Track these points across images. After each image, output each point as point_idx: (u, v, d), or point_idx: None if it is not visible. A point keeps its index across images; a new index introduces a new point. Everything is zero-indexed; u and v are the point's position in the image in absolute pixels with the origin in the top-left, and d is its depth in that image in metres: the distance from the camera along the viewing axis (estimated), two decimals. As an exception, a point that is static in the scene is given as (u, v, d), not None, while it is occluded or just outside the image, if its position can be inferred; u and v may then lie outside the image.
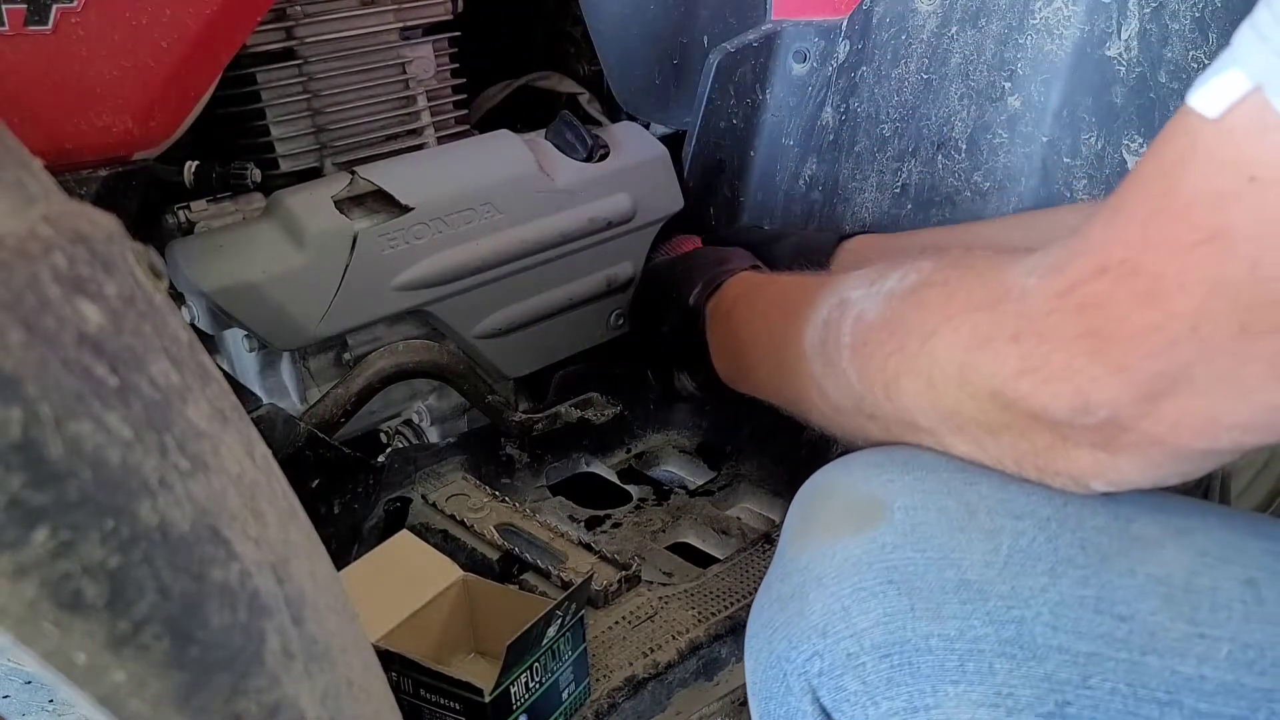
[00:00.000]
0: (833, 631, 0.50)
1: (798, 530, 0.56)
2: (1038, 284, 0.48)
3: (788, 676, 0.52)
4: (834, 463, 0.59)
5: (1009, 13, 0.88)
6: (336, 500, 0.86)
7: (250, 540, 0.33)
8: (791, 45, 1.07)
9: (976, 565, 0.49)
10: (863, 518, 0.52)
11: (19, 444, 0.26)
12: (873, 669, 0.49)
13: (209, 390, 0.34)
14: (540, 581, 0.80)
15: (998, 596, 0.48)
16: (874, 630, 0.49)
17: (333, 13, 0.91)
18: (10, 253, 0.27)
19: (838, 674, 0.50)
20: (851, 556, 0.51)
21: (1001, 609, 0.48)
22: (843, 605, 0.50)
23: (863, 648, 0.50)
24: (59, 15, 0.61)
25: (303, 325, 0.85)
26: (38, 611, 0.27)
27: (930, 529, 0.50)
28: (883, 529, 0.51)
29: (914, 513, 0.51)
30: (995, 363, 0.50)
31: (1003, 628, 0.47)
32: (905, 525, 0.51)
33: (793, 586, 0.53)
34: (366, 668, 0.42)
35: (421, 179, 0.91)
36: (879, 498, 0.53)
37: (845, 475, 0.57)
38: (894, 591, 0.49)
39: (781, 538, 0.58)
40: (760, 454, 1.05)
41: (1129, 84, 0.82)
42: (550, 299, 1.01)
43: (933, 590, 0.49)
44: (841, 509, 0.54)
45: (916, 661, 0.48)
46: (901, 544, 0.50)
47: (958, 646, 0.48)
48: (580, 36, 1.21)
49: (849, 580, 0.51)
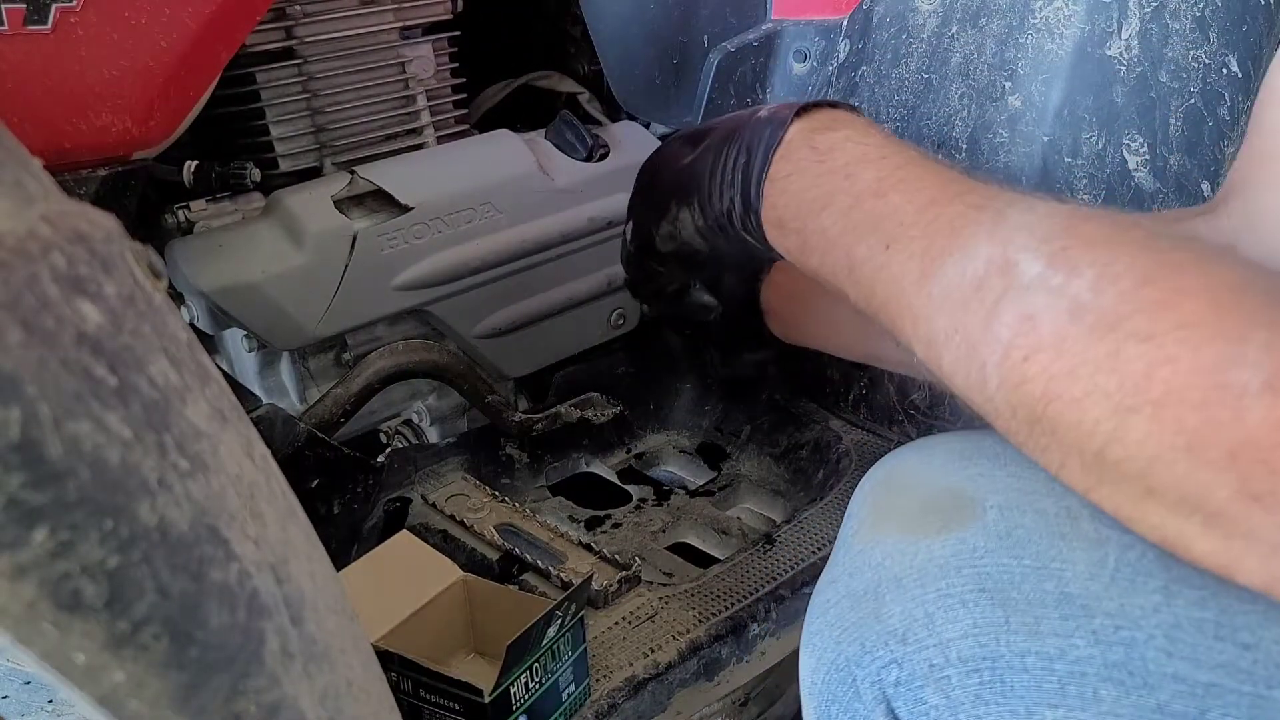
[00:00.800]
0: (914, 639, 0.46)
1: (869, 521, 0.51)
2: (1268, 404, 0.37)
3: (858, 682, 0.48)
4: (909, 448, 0.54)
5: (1009, 12, 0.88)
6: (336, 500, 0.86)
7: (249, 540, 0.33)
8: (791, 45, 1.07)
9: (1080, 578, 0.44)
10: (949, 515, 0.48)
11: (18, 444, 0.26)
12: (958, 684, 0.45)
13: (208, 390, 0.34)
14: (540, 581, 0.80)
15: (1104, 614, 0.43)
16: (962, 642, 0.45)
17: (332, 12, 0.91)
18: (9, 252, 0.27)
19: (918, 686, 0.46)
20: (936, 558, 0.47)
21: (1109, 628, 0.43)
22: (926, 612, 0.46)
23: (948, 660, 0.45)
24: (58, 15, 0.61)
25: (302, 325, 0.85)
26: (37, 611, 0.27)
27: (1027, 534, 0.45)
28: (973, 530, 0.46)
29: (1009, 514, 0.46)
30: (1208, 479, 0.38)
31: (1110, 649, 0.42)
32: (999, 527, 0.46)
33: (865, 584, 0.49)
34: (366, 668, 0.42)
35: (421, 179, 0.91)
36: (968, 494, 0.48)
37: (925, 464, 0.51)
38: (986, 601, 0.45)
39: (847, 525, 0.54)
40: (760, 454, 1.05)
41: (1129, 84, 0.82)
42: (550, 299, 1.01)
43: (1030, 603, 0.44)
44: (922, 503, 0.49)
45: (1010, 680, 0.44)
46: (995, 548, 0.46)
47: (1057, 667, 0.43)
48: (580, 36, 1.21)
49: (934, 584, 0.46)
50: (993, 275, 0.46)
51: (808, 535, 0.86)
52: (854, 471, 0.94)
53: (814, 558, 0.83)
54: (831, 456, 0.98)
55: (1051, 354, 0.43)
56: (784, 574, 0.82)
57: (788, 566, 0.82)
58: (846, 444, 0.98)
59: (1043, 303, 0.44)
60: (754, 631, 0.78)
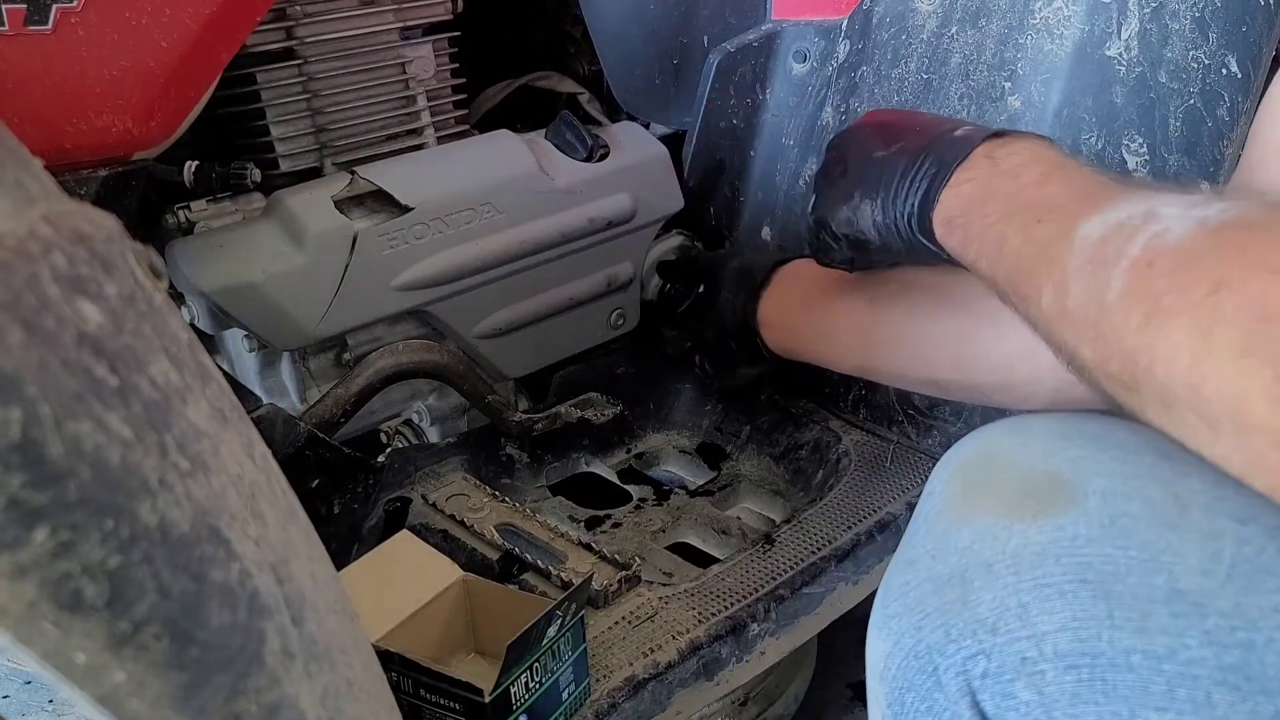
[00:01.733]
0: (1005, 630, 0.44)
1: (957, 501, 0.49)
2: None
3: (940, 671, 0.46)
4: (1001, 425, 0.51)
5: (1009, 13, 0.88)
6: (336, 500, 0.86)
7: (250, 540, 0.33)
8: (791, 45, 1.07)
9: (1192, 573, 0.41)
10: (1046, 499, 0.45)
11: (19, 444, 0.26)
12: (1054, 680, 0.42)
13: (209, 390, 0.34)
14: (540, 581, 0.80)
15: (1219, 614, 0.40)
16: (1059, 635, 0.42)
17: (333, 13, 0.91)
18: (10, 252, 0.27)
19: (1007, 679, 0.43)
20: (1033, 544, 0.44)
21: (1224, 629, 0.40)
22: (1020, 601, 0.44)
23: (1043, 654, 0.43)
24: (59, 15, 0.61)
25: (303, 325, 0.85)
26: (37, 611, 0.27)
27: (1133, 522, 0.43)
28: (1073, 515, 0.44)
29: (1112, 500, 0.44)
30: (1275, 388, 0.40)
31: (1225, 652, 0.40)
32: (1102, 514, 0.43)
33: (949, 568, 0.46)
34: (366, 668, 0.42)
35: (421, 179, 0.91)
36: (1067, 477, 0.45)
37: (1020, 443, 0.49)
38: (1087, 593, 0.42)
39: (928, 503, 0.51)
40: (760, 454, 1.05)
41: (1129, 84, 0.82)
42: (550, 299, 1.01)
43: (1136, 597, 0.42)
44: (1017, 484, 0.47)
45: (1112, 679, 0.41)
46: (1097, 537, 0.43)
47: (1166, 668, 0.40)
48: (580, 36, 1.21)
49: (1029, 573, 0.44)
50: (1135, 218, 0.49)
51: (807, 535, 0.86)
52: (853, 471, 0.94)
53: (814, 558, 0.83)
54: (831, 456, 0.98)
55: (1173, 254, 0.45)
56: (784, 574, 0.82)
57: (787, 566, 0.82)
58: (846, 444, 0.98)
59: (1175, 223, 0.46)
60: (754, 631, 0.78)
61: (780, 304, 0.92)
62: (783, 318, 0.91)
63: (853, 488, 0.92)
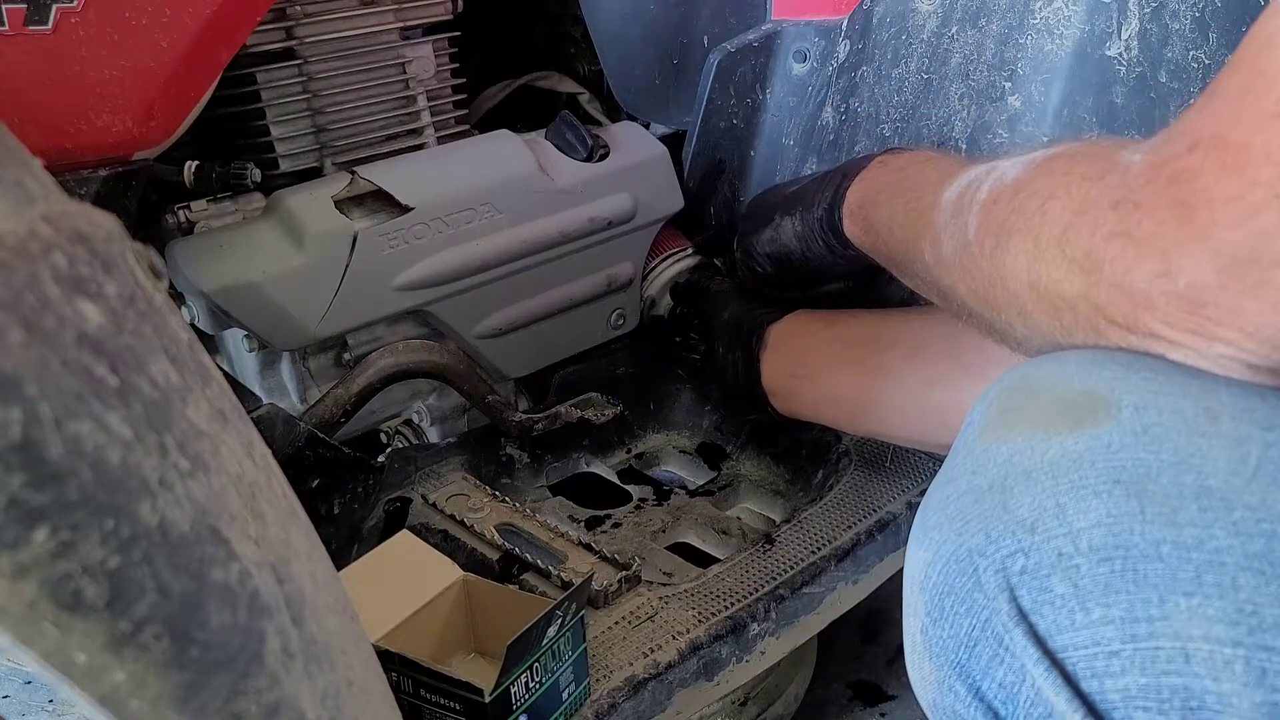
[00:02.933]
0: (1043, 529, 0.46)
1: (994, 422, 0.51)
2: (1140, 159, 0.50)
3: (979, 572, 0.47)
4: (1037, 359, 0.54)
5: (1009, 13, 0.88)
6: (336, 500, 0.86)
7: (250, 540, 0.33)
8: (791, 45, 1.07)
9: (1220, 473, 0.44)
10: (1082, 413, 0.48)
11: (19, 444, 0.26)
12: (1088, 572, 0.44)
13: (209, 390, 0.34)
14: (540, 581, 0.80)
15: (1245, 507, 0.43)
16: (1093, 531, 0.45)
17: (333, 13, 0.91)
18: (10, 252, 0.27)
19: (1044, 574, 0.45)
20: (1069, 452, 0.47)
21: (1250, 520, 0.43)
22: (1057, 502, 0.46)
23: (1078, 548, 0.45)
24: (59, 15, 0.61)
25: (303, 325, 0.85)
26: (38, 611, 0.27)
27: (1165, 430, 0.46)
28: (1108, 427, 0.46)
29: (1145, 412, 0.46)
30: (1093, 225, 0.50)
31: (1250, 541, 0.42)
32: (1135, 424, 0.46)
33: (989, 479, 0.49)
34: (366, 668, 0.42)
35: (421, 179, 0.91)
36: (1101, 394, 0.48)
37: (1057, 369, 0.52)
38: (1121, 492, 0.45)
39: (967, 431, 0.54)
40: (760, 454, 1.05)
41: (1129, 84, 0.82)
42: (550, 299, 1.01)
43: (1167, 495, 0.44)
44: (1054, 403, 0.49)
45: (1143, 569, 0.43)
46: (1130, 444, 0.46)
47: (1194, 556, 0.43)
48: (580, 36, 1.21)
49: (1066, 476, 0.46)
50: (980, 174, 0.62)
51: (808, 535, 0.86)
52: (854, 471, 0.94)
53: (814, 557, 0.83)
54: (831, 456, 0.98)
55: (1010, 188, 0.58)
56: (784, 574, 0.82)
57: (787, 566, 0.82)
58: (846, 444, 0.98)
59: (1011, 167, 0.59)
60: (754, 631, 0.78)
61: (784, 371, 0.93)
62: (789, 385, 0.93)
63: (853, 488, 0.92)
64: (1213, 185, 0.45)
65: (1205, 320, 0.47)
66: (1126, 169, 0.51)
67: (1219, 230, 0.45)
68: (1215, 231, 0.45)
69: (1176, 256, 0.46)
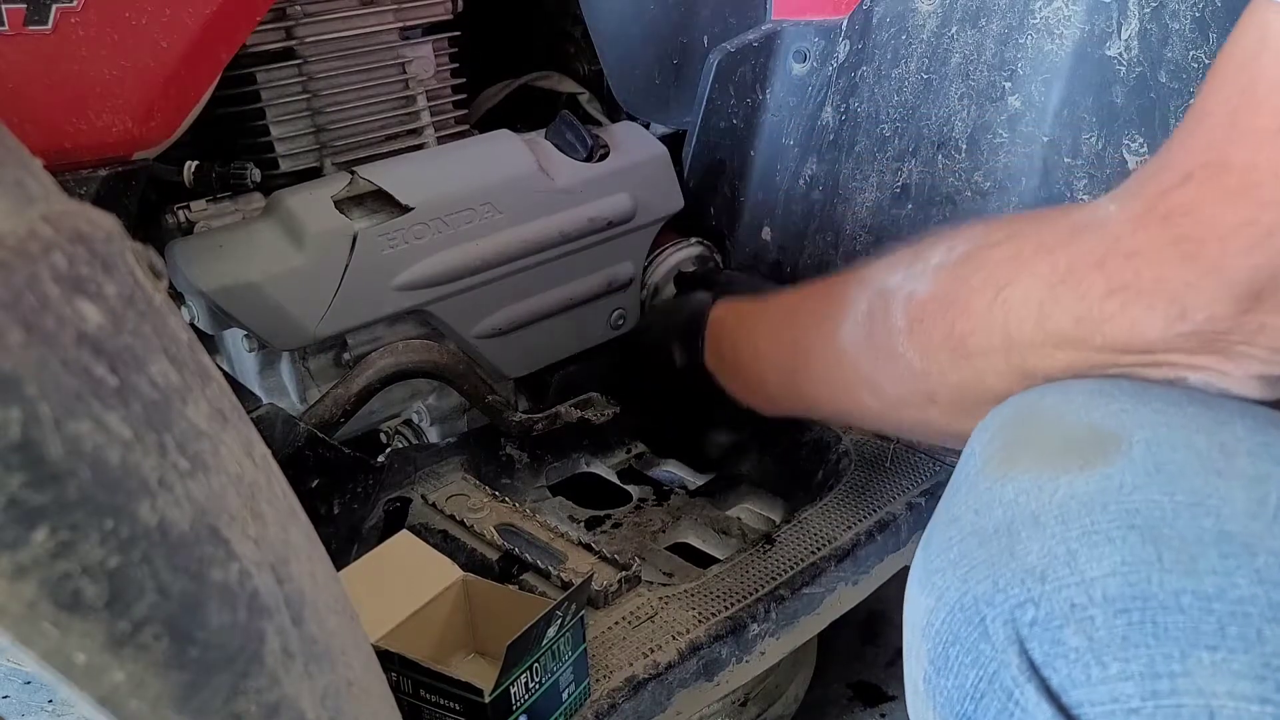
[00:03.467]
0: (1054, 577, 0.43)
1: (999, 458, 0.49)
2: (1119, 208, 0.47)
3: (987, 622, 0.45)
4: (1037, 389, 0.52)
5: (1009, 12, 0.88)
6: (336, 500, 0.86)
7: (250, 540, 0.33)
8: (791, 45, 1.07)
9: (1239, 516, 0.42)
10: (1091, 450, 0.45)
11: (19, 444, 0.26)
12: (1104, 624, 0.42)
13: (209, 390, 0.34)
14: (540, 581, 0.80)
15: (1268, 553, 0.41)
16: (1109, 580, 0.42)
17: (333, 12, 0.91)
18: (10, 252, 0.27)
19: (1056, 626, 0.43)
20: (1079, 494, 0.44)
21: (1274, 567, 0.41)
22: (1068, 549, 0.43)
23: (1092, 599, 0.42)
24: (59, 15, 0.61)
25: (302, 325, 0.85)
26: (37, 611, 0.27)
27: (1179, 469, 0.43)
28: (1119, 465, 0.44)
29: (1157, 448, 0.44)
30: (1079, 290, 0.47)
31: (1275, 590, 0.40)
32: (1147, 463, 0.44)
33: (996, 521, 0.46)
34: (366, 667, 0.42)
35: (421, 179, 0.91)
36: (1110, 429, 0.46)
37: (1063, 400, 0.49)
38: (1136, 538, 0.42)
39: (968, 464, 0.51)
40: (760, 454, 1.05)
41: (1129, 84, 0.82)
42: (550, 299, 1.01)
43: (1185, 540, 0.42)
44: (1060, 438, 0.47)
45: (1162, 621, 0.41)
46: (1144, 484, 0.43)
47: (1216, 607, 0.41)
48: (580, 36, 1.21)
49: (1077, 521, 0.44)
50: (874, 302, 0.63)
51: (807, 535, 0.86)
52: (854, 471, 0.94)
53: (814, 558, 0.83)
54: (831, 456, 0.98)
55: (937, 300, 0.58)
56: (784, 574, 0.82)
57: (787, 566, 0.82)
58: (846, 444, 0.98)
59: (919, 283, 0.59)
60: (754, 631, 0.78)
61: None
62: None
63: (853, 488, 0.92)
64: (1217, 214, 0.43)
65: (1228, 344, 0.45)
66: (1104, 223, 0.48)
67: (1231, 259, 0.43)
68: (1227, 261, 0.43)
69: (1189, 297, 0.45)
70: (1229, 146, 0.43)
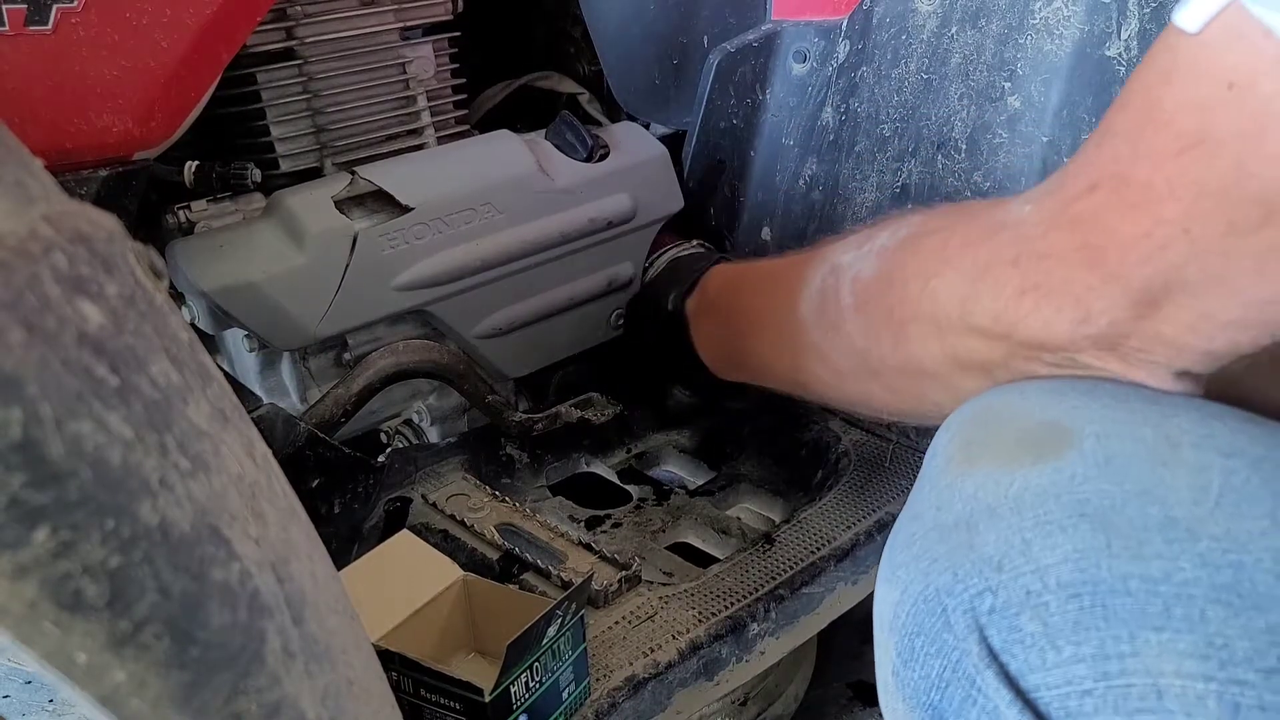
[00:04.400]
0: (1010, 566, 0.45)
1: (958, 456, 0.51)
2: (1033, 209, 0.50)
3: (948, 612, 0.47)
4: (998, 389, 0.54)
5: (1009, 13, 0.88)
6: (336, 500, 0.86)
7: (250, 540, 0.33)
8: (791, 45, 1.07)
9: (1184, 503, 0.44)
10: (1044, 445, 0.47)
11: (19, 444, 0.26)
12: (1057, 610, 0.44)
13: (209, 390, 0.34)
14: (540, 581, 0.80)
15: (1210, 538, 0.42)
16: (1061, 567, 0.44)
17: (333, 13, 0.91)
18: (10, 252, 0.27)
19: (1013, 613, 0.45)
20: (1033, 486, 0.46)
21: (1216, 551, 0.42)
22: (1023, 539, 0.45)
23: (1046, 585, 0.44)
24: (59, 15, 0.61)
25: (303, 325, 0.85)
26: (38, 611, 0.27)
27: (1127, 460, 0.45)
28: (1070, 458, 0.46)
29: (1107, 441, 0.46)
30: (996, 288, 0.50)
31: (1218, 572, 0.42)
32: (1098, 455, 0.46)
33: (955, 516, 0.48)
34: (367, 667, 0.42)
35: (421, 179, 0.91)
36: (1063, 424, 0.48)
37: (1018, 399, 0.51)
38: (1086, 526, 0.44)
39: (931, 463, 0.53)
40: (760, 454, 1.05)
41: (1129, 84, 0.82)
42: (550, 299, 1.01)
43: (1133, 527, 0.43)
44: (1017, 434, 0.49)
45: (1112, 604, 0.43)
46: (1094, 475, 0.45)
47: (1162, 589, 0.42)
48: (580, 36, 1.21)
49: (1031, 512, 0.45)
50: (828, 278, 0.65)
51: (807, 535, 0.86)
52: (853, 471, 0.94)
53: (813, 557, 0.83)
54: (831, 456, 0.98)
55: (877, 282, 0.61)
56: (783, 574, 0.82)
57: (787, 566, 0.82)
58: (846, 444, 0.98)
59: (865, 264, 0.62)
60: (753, 631, 0.78)
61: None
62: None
63: (852, 488, 0.92)
64: (1118, 224, 0.46)
65: (1130, 349, 0.48)
66: (1020, 222, 0.51)
67: (1129, 268, 0.46)
68: (1125, 269, 0.46)
69: (1092, 301, 0.47)
70: (1132, 162, 0.46)
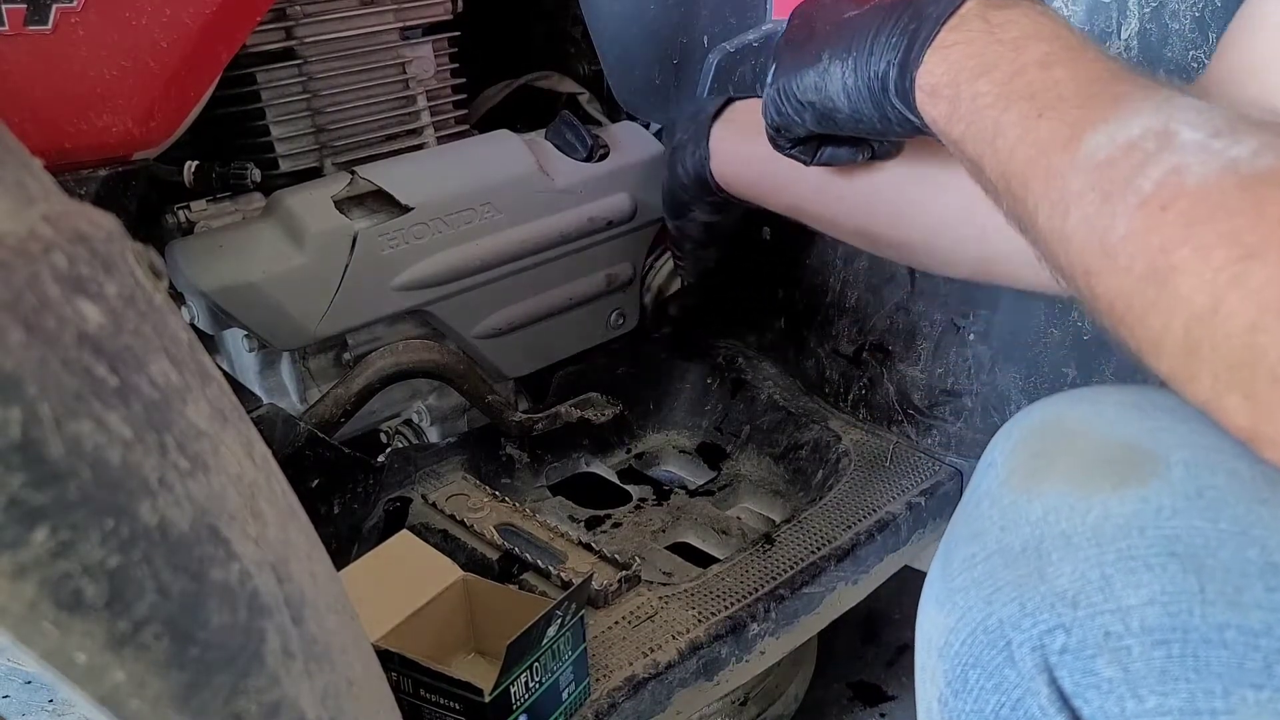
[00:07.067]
0: (1086, 603, 0.41)
1: (1024, 471, 0.46)
2: None
3: (1013, 646, 0.43)
4: (1064, 395, 0.49)
5: (1009, 12, 0.88)
6: (336, 500, 0.86)
7: (250, 540, 0.33)
8: (791, 45, 1.07)
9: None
10: (1126, 470, 0.43)
11: (19, 444, 0.26)
12: (1140, 656, 0.40)
13: (209, 390, 0.34)
14: (540, 581, 0.80)
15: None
16: (1147, 610, 0.40)
17: (333, 13, 0.91)
18: (10, 252, 0.27)
19: (1089, 655, 0.41)
20: (1115, 515, 0.42)
21: None
22: (1103, 574, 0.41)
23: (1129, 628, 0.40)
24: (59, 15, 0.61)
25: (303, 325, 0.85)
26: (37, 611, 0.27)
27: (1221, 495, 0.41)
28: (1156, 487, 0.42)
29: (1197, 472, 0.42)
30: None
31: None
32: (1188, 487, 0.41)
33: (1022, 540, 0.44)
34: (366, 667, 0.42)
35: (421, 179, 0.91)
36: (1147, 447, 0.43)
37: (1093, 413, 0.46)
38: (1176, 566, 0.40)
39: (988, 475, 0.48)
40: (760, 454, 1.05)
41: (1129, 84, 0.82)
42: (550, 299, 1.01)
43: (1229, 572, 0.39)
44: (1092, 454, 0.44)
45: (1205, 655, 0.39)
46: (1184, 509, 0.41)
47: (1263, 643, 0.38)
48: (580, 36, 1.21)
49: (1112, 545, 0.41)
50: (1148, 139, 0.45)
51: (808, 535, 0.86)
52: (854, 471, 0.94)
53: (813, 557, 0.83)
54: (831, 456, 0.98)
55: (1193, 200, 0.42)
56: (783, 574, 0.82)
57: (787, 566, 0.82)
58: (846, 444, 0.98)
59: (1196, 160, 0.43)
60: (753, 631, 0.78)
61: (729, 132, 0.91)
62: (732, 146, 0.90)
63: (853, 487, 0.92)
64: None
65: None
66: None
67: None
68: None
69: None
70: None
